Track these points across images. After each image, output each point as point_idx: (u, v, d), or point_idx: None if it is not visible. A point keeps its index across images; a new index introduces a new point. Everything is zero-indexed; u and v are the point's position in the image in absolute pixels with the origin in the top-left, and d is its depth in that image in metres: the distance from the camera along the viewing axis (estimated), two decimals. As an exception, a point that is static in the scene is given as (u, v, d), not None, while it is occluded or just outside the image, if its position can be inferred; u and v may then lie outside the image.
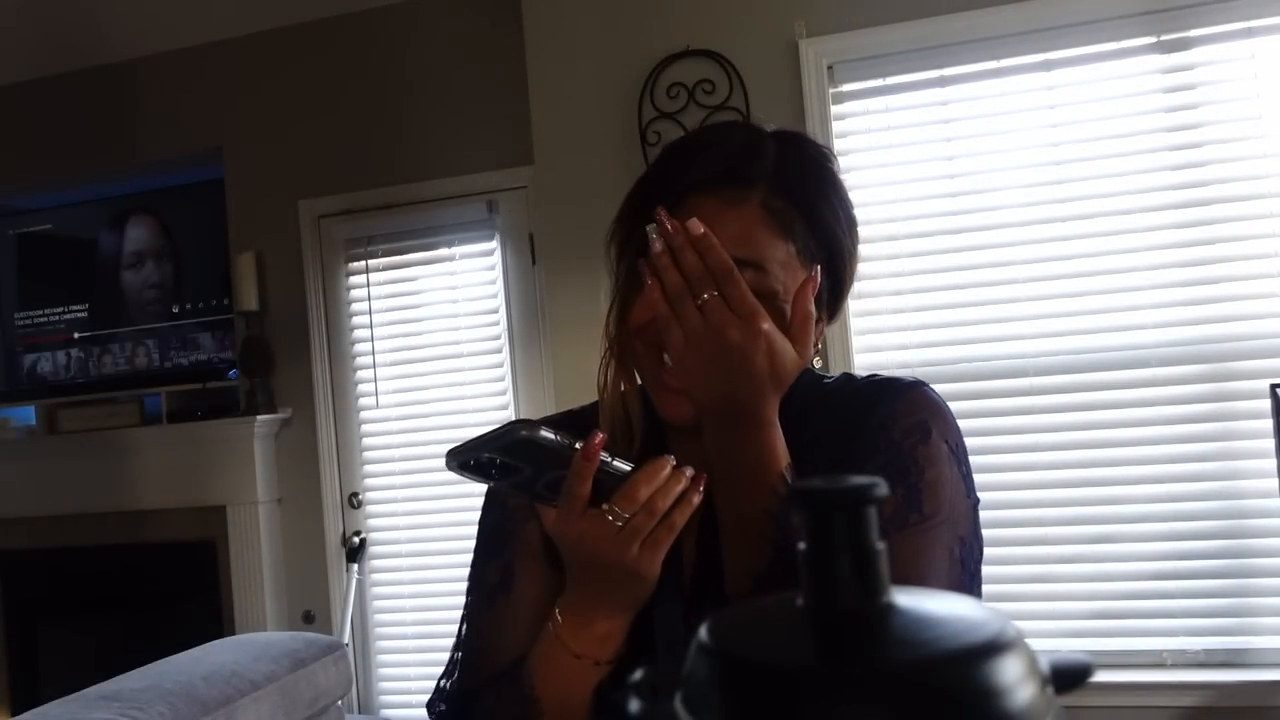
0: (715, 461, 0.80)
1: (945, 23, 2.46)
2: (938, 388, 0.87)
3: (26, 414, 3.66)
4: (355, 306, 3.29)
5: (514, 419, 0.76)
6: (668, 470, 0.76)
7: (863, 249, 0.89)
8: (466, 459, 0.75)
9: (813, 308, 0.81)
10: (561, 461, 0.75)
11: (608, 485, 0.77)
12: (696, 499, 0.77)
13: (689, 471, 0.77)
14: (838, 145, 2.55)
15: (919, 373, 2.49)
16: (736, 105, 2.58)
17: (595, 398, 0.91)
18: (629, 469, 0.77)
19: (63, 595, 3.55)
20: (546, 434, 0.74)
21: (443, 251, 3.21)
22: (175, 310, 3.52)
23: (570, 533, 0.77)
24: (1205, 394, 2.34)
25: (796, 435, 0.81)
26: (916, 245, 2.51)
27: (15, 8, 3.09)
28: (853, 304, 2.52)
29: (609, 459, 0.76)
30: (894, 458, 0.81)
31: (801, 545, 0.37)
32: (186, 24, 3.33)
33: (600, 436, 0.75)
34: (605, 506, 0.75)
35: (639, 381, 0.87)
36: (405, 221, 3.21)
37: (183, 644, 1.76)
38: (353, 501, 3.26)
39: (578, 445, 0.75)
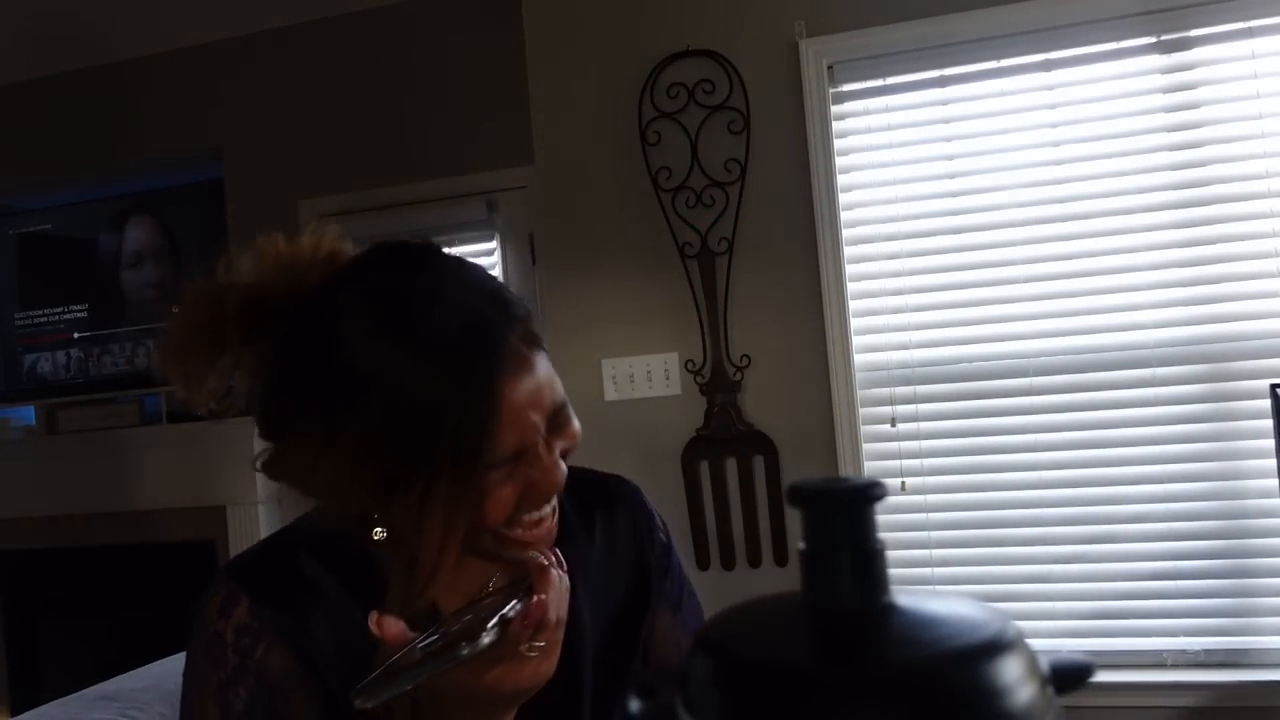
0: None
1: (945, 23, 2.46)
2: (937, 387, 0.88)
3: (26, 414, 3.66)
4: (355, 306, 3.28)
5: (439, 639, 0.71)
6: (559, 576, 0.75)
7: (862, 249, 0.91)
8: (401, 686, 0.68)
9: None
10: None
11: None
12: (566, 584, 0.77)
13: (552, 559, 0.76)
14: (838, 145, 2.55)
15: (919, 373, 2.49)
16: (736, 105, 2.58)
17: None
18: (514, 603, 0.73)
19: (63, 595, 3.55)
20: (486, 637, 0.69)
21: (442, 251, 3.21)
22: (175, 310, 3.52)
23: (480, 685, 0.72)
24: (1205, 394, 2.34)
25: (588, 530, 0.92)
26: (916, 245, 2.51)
27: (15, 8, 3.09)
28: (853, 304, 2.52)
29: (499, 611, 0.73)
30: (668, 564, 0.98)
31: (802, 545, 0.37)
32: (186, 24, 3.33)
33: (541, 597, 0.72)
34: (525, 646, 0.72)
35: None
36: (405, 221, 3.21)
37: (183, 644, 1.76)
38: (353, 501, 3.26)
39: (507, 614, 0.72)
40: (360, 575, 0.82)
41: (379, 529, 0.80)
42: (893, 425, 2.51)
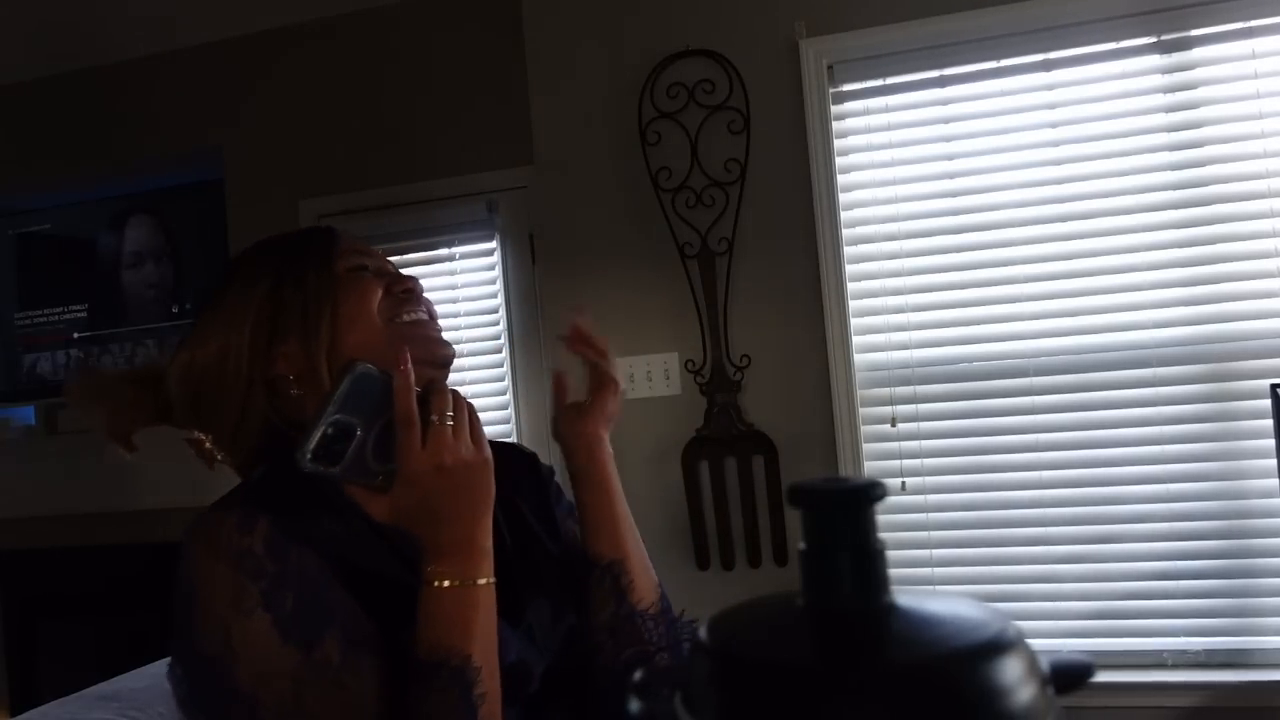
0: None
1: (945, 23, 2.46)
2: (937, 387, 0.88)
3: (26, 414, 3.66)
4: (355, 306, 3.28)
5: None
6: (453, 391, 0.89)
7: (862, 248, 0.94)
8: (320, 443, 0.82)
9: None
10: (382, 403, 0.84)
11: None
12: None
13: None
14: (838, 145, 2.55)
15: (919, 373, 2.49)
16: (736, 105, 2.58)
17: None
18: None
19: (62, 595, 3.55)
20: (367, 365, 0.86)
21: (442, 252, 3.21)
22: (175, 310, 3.52)
23: (420, 461, 0.83)
24: (1205, 394, 2.33)
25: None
26: (916, 245, 2.51)
27: (15, 8, 3.09)
28: (853, 304, 2.52)
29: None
30: (560, 487, 1.17)
31: (802, 545, 0.37)
32: (186, 24, 3.33)
33: (406, 354, 0.86)
34: (434, 418, 0.84)
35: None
36: (405, 221, 3.21)
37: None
38: (353, 501, 3.26)
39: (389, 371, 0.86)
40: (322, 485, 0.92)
41: (294, 389, 0.94)
42: (893, 425, 2.51)
